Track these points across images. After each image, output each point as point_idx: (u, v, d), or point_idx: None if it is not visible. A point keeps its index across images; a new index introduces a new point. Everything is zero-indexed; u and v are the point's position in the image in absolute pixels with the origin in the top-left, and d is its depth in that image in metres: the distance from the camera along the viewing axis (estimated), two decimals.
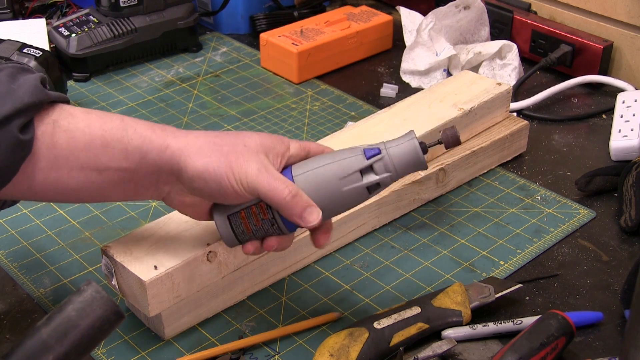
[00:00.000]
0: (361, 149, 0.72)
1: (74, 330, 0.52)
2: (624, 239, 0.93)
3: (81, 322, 0.52)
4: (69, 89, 1.21)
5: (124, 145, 0.70)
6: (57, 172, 0.70)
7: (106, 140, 0.70)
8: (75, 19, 1.28)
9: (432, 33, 1.22)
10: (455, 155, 0.99)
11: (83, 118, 0.71)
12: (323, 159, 0.73)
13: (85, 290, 0.53)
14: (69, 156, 0.70)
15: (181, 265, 0.76)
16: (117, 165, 0.70)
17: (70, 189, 0.71)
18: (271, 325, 0.82)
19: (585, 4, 1.26)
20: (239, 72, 1.31)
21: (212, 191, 0.70)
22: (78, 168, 0.70)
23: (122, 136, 0.70)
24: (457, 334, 0.78)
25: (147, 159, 0.70)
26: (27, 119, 0.68)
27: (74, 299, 0.53)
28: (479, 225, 0.95)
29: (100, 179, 0.71)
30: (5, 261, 0.90)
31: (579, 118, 1.17)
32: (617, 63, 1.25)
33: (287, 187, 0.70)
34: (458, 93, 1.03)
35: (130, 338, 0.80)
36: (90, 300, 0.53)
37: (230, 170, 0.69)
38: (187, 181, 0.71)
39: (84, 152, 0.70)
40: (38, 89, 0.69)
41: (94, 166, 0.70)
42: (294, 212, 0.70)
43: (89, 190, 0.72)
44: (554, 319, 0.75)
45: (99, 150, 0.70)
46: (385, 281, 0.87)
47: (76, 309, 0.52)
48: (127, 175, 0.71)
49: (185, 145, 0.71)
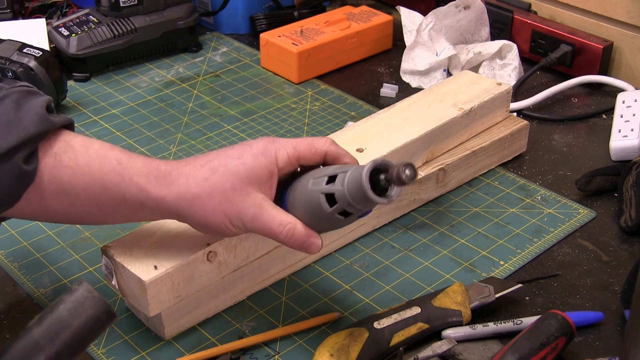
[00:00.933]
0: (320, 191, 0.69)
1: (65, 330, 0.52)
2: (624, 239, 0.93)
3: (73, 321, 0.52)
4: (69, 89, 1.21)
5: (122, 192, 0.71)
6: (59, 203, 0.72)
7: (105, 184, 0.71)
8: (75, 19, 1.28)
9: (432, 33, 1.22)
10: (455, 155, 0.99)
11: (83, 155, 0.71)
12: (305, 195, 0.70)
13: (76, 290, 0.53)
14: (70, 191, 0.71)
15: (181, 265, 0.76)
16: (116, 205, 0.72)
17: (74, 215, 0.74)
18: (271, 325, 0.82)
19: (585, 4, 1.26)
20: (239, 72, 1.31)
21: (211, 234, 0.75)
22: (80, 202, 0.72)
23: (119, 182, 0.71)
24: (457, 334, 0.78)
25: (145, 207, 0.72)
26: (31, 150, 0.69)
27: (65, 298, 0.52)
28: (479, 225, 0.95)
29: (101, 213, 0.73)
30: (5, 261, 0.90)
31: (579, 118, 1.17)
32: (617, 63, 1.25)
33: (283, 227, 0.70)
34: (458, 93, 1.03)
35: (130, 338, 0.80)
36: (81, 299, 0.52)
37: (228, 220, 0.71)
38: (190, 224, 0.74)
39: (84, 190, 0.71)
40: (43, 117, 0.69)
41: (94, 203, 0.72)
42: (295, 247, 0.72)
43: (91, 218, 0.75)
44: (554, 319, 0.75)
45: (98, 191, 0.71)
46: (385, 281, 0.87)
47: (68, 309, 0.52)
48: (128, 214, 0.73)
49: (180, 195, 0.71)
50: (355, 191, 0.65)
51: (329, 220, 0.69)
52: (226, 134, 1.14)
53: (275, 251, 0.85)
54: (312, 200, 0.69)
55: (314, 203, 0.69)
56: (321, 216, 0.69)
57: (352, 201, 0.66)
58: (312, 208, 0.69)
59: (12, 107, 0.68)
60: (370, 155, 0.91)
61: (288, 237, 0.71)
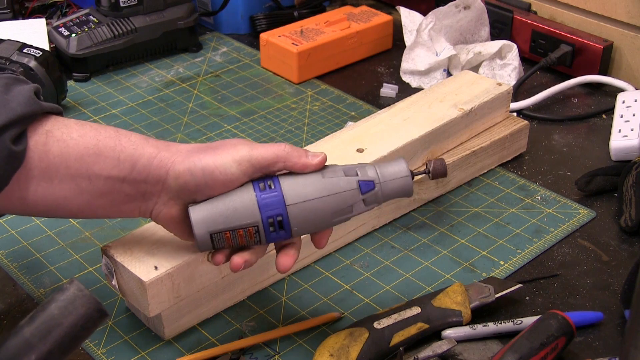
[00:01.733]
0: (356, 180, 0.72)
1: (57, 328, 0.52)
2: (624, 239, 0.93)
3: (64, 320, 0.52)
4: (69, 89, 1.21)
5: (117, 153, 0.71)
6: (48, 182, 0.70)
7: (99, 149, 0.71)
8: (75, 19, 1.28)
9: (432, 33, 1.22)
10: (455, 155, 0.99)
11: (77, 129, 0.72)
12: (317, 185, 0.71)
13: (67, 288, 0.53)
14: (60, 165, 0.70)
15: (181, 265, 0.76)
16: (107, 173, 0.71)
17: (60, 199, 0.71)
18: (271, 325, 0.82)
19: (585, 4, 1.26)
20: (239, 72, 1.31)
21: (198, 182, 0.70)
22: (69, 177, 0.71)
23: (115, 144, 0.71)
24: (457, 334, 0.78)
25: (137, 166, 0.71)
26: (20, 130, 0.68)
27: (56, 297, 0.52)
28: (479, 225, 0.95)
29: (90, 187, 0.71)
30: (5, 261, 0.90)
31: (579, 118, 1.17)
32: (617, 63, 1.25)
33: (280, 144, 0.71)
34: (458, 93, 1.03)
35: (130, 338, 0.80)
36: (72, 298, 0.52)
37: (220, 155, 0.70)
38: (174, 180, 0.71)
39: (76, 161, 0.70)
40: (32, 100, 0.69)
41: (85, 174, 0.71)
42: (300, 155, 0.71)
43: (78, 200, 0.72)
44: (554, 319, 0.75)
45: (91, 159, 0.71)
46: (385, 281, 0.87)
47: (59, 307, 0.52)
48: (116, 185, 0.71)
49: (175, 153, 0.72)
50: (394, 181, 0.72)
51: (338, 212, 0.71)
52: (226, 134, 1.14)
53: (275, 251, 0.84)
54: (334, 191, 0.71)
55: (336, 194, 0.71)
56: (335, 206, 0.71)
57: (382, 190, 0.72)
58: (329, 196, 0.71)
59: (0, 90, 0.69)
60: (370, 155, 0.91)
61: (289, 148, 0.71)
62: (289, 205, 0.70)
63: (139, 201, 0.73)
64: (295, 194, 0.71)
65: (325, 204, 0.71)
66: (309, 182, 0.71)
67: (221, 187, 0.70)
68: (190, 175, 0.70)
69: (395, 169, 0.73)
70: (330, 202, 0.71)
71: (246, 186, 0.71)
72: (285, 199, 0.70)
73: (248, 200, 0.70)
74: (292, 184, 0.71)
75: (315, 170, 0.72)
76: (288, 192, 0.71)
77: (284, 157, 0.71)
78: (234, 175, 0.70)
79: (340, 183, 0.71)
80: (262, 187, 0.71)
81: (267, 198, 0.70)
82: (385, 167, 0.73)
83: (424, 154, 0.96)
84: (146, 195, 0.72)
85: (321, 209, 0.71)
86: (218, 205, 0.71)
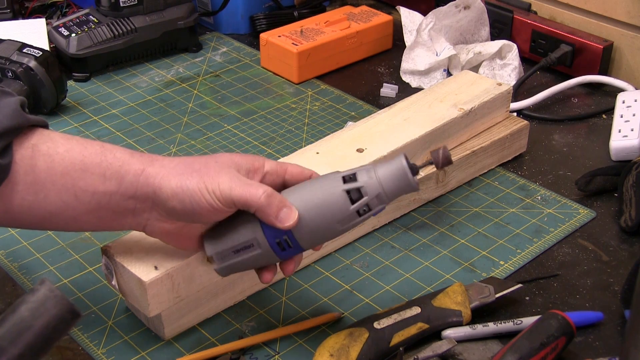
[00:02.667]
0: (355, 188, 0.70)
1: (27, 331, 0.50)
2: (624, 239, 0.93)
3: (35, 322, 0.50)
4: (69, 89, 1.21)
5: (103, 169, 0.70)
6: (33, 195, 0.70)
7: (85, 165, 0.70)
8: (75, 19, 1.28)
9: (432, 33, 1.22)
10: (455, 155, 0.99)
11: (63, 143, 0.71)
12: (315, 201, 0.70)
13: (38, 289, 0.51)
14: (46, 180, 0.70)
15: (181, 265, 0.76)
16: (94, 189, 0.70)
17: (47, 213, 0.71)
18: (271, 325, 0.82)
19: (585, 4, 1.26)
20: (239, 72, 1.31)
21: (187, 210, 0.69)
22: (55, 192, 0.70)
23: (101, 161, 0.71)
24: (457, 334, 0.78)
25: (124, 183, 0.70)
26: (6, 143, 0.68)
27: (27, 298, 0.51)
28: (479, 225, 0.95)
29: (76, 203, 0.71)
30: (5, 261, 0.90)
31: (579, 118, 1.17)
32: (617, 63, 1.25)
33: (261, 187, 0.69)
34: (458, 93, 1.03)
35: (130, 338, 0.80)
36: (43, 299, 0.50)
37: (203, 185, 0.69)
38: (163, 202, 0.70)
39: (62, 176, 0.70)
40: (17, 112, 0.69)
41: (71, 190, 0.70)
42: (270, 213, 0.69)
43: (64, 215, 0.71)
44: (554, 319, 0.75)
45: (77, 175, 0.70)
46: (385, 281, 0.87)
47: (29, 309, 0.50)
48: (103, 201, 0.71)
49: (160, 168, 0.71)
50: (392, 179, 0.69)
51: (341, 221, 0.70)
52: (226, 134, 1.14)
53: None
54: (327, 200, 0.69)
55: (330, 203, 0.69)
56: (335, 217, 0.69)
57: (384, 191, 0.69)
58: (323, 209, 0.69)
59: None
60: (370, 155, 0.91)
61: (265, 197, 0.68)
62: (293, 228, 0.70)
63: (128, 217, 0.72)
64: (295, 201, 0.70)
65: (327, 216, 0.70)
66: (309, 197, 0.70)
67: (208, 214, 0.69)
68: (178, 202, 0.69)
69: (393, 169, 0.70)
70: (330, 213, 0.70)
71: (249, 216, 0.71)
72: None
73: (252, 231, 0.71)
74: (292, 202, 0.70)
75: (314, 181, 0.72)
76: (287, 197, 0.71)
77: (257, 206, 0.69)
78: (218, 206, 0.69)
79: (340, 194, 0.70)
80: None
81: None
82: (383, 168, 0.70)
83: (424, 154, 0.96)
84: (136, 212, 0.72)
85: (325, 222, 0.70)
86: (227, 240, 0.72)
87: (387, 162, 0.71)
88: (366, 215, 0.70)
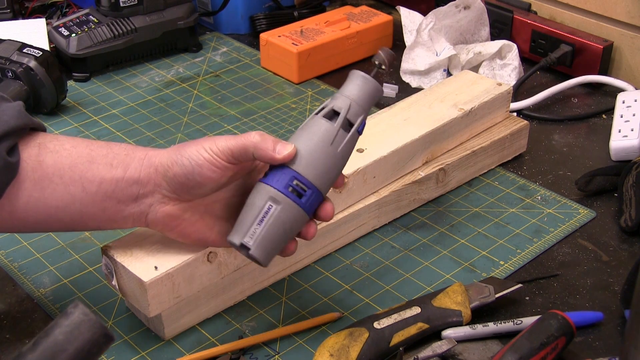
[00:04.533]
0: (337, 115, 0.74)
1: (61, 354, 0.50)
2: (624, 239, 0.93)
3: (69, 346, 0.50)
4: (69, 89, 1.21)
5: (109, 159, 0.72)
6: (39, 192, 0.71)
7: (92, 157, 0.72)
8: (75, 19, 1.28)
9: (432, 33, 1.22)
10: (455, 155, 0.99)
11: (68, 140, 0.74)
12: (305, 137, 0.73)
13: (72, 312, 0.51)
14: (54, 174, 0.71)
15: (181, 265, 0.76)
16: (100, 178, 0.72)
17: (52, 209, 0.72)
18: (271, 325, 0.82)
19: (585, 4, 1.26)
20: (239, 72, 1.31)
21: (188, 173, 0.71)
22: (62, 185, 0.71)
23: (107, 152, 0.73)
24: (457, 334, 0.78)
25: (130, 169, 0.72)
26: (13, 143, 0.69)
27: (60, 322, 0.51)
28: (479, 225, 0.95)
29: (82, 195, 0.72)
30: (5, 261, 0.90)
31: (579, 118, 1.17)
32: (617, 63, 1.25)
33: (252, 132, 0.71)
34: (458, 93, 1.03)
35: (130, 338, 0.80)
36: (78, 323, 0.51)
37: (201, 146, 0.71)
38: (164, 173, 0.72)
39: (69, 169, 0.72)
40: (22, 113, 0.71)
41: (78, 182, 0.72)
42: (267, 147, 0.70)
43: (70, 209, 0.72)
44: (554, 319, 0.75)
45: (84, 166, 0.72)
46: (385, 281, 0.87)
47: (63, 333, 0.50)
48: (109, 189, 0.72)
49: (160, 152, 0.73)
50: (355, 88, 0.74)
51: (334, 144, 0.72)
52: (226, 134, 1.14)
53: None
54: (312, 131, 0.72)
55: (315, 132, 0.72)
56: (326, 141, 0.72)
57: (354, 100, 0.73)
58: (314, 139, 0.72)
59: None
60: (370, 155, 0.91)
61: (259, 136, 0.71)
62: (294, 166, 0.71)
63: (131, 207, 0.73)
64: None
65: (320, 144, 0.72)
66: (296, 139, 0.73)
67: (209, 173, 0.71)
68: (178, 167, 0.71)
69: (355, 83, 0.75)
70: (323, 140, 0.72)
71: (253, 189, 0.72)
72: (287, 165, 0.71)
73: (262, 193, 0.71)
74: None
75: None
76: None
77: (254, 145, 0.71)
78: (217, 163, 0.71)
79: (319, 120, 0.73)
80: (263, 175, 0.72)
81: (271, 177, 0.71)
82: (347, 87, 0.75)
83: (424, 154, 0.96)
84: (138, 199, 0.73)
85: (320, 149, 0.72)
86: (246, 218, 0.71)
87: (348, 82, 0.75)
88: (352, 129, 0.73)
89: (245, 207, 0.72)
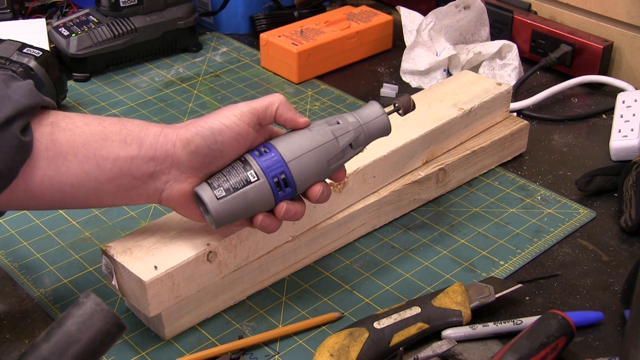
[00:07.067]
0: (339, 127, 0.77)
1: (74, 345, 0.50)
2: (624, 239, 0.93)
3: (82, 336, 0.50)
4: (69, 89, 1.21)
5: (123, 136, 0.72)
6: (55, 170, 0.71)
7: (105, 134, 0.72)
8: (75, 19, 1.28)
9: (432, 33, 1.22)
10: (455, 155, 0.99)
11: (80, 118, 0.73)
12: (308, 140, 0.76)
13: (84, 302, 0.51)
14: (68, 152, 0.71)
15: (181, 265, 0.76)
16: (115, 155, 0.72)
17: (67, 187, 0.72)
18: (271, 325, 0.82)
19: (585, 4, 1.26)
20: (239, 72, 1.31)
21: (210, 143, 0.72)
22: (77, 163, 0.71)
23: (120, 129, 0.73)
24: (457, 334, 0.79)
25: (145, 146, 0.73)
26: (26, 122, 0.69)
27: (73, 312, 0.51)
28: (479, 225, 0.95)
29: (97, 172, 0.72)
30: (5, 261, 0.90)
31: (579, 118, 1.17)
32: (617, 63, 1.25)
33: (274, 94, 0.76)
34: (458, 93, 1.03)
35: (130, 338, 0.80)
36: (90, 313, 0.51)
37: (222, 114, 0.74)
38: (182, 149, 0.72)
39: (83, 146, 0.71)
40: (33, 92, 0.71)
41: (92, 160, 0.71)
42: (291, 108, 0.75)
43: (85, 187, 0.72)
44: (554, 319, 0.75)
45: (98, 144, 0.72)
46: (385, 281, 0.87)
47: (76, 323, 0.50)
48: (124, 167, 0.72)
49: (177, 127, 0.74)
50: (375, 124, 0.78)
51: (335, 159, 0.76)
52: None
53: (275, 251, 0.85)
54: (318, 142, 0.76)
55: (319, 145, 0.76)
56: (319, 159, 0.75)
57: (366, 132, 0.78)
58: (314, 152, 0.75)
59: (1, 85, 0.69)
60: (370, 155, 0.91)
61: (283, 97, 0.75)
62: (288, 162, 0.74)
63: (146, 184, 0.73)
64: (291, 151, 0.75)
65: (319, 154, 0.75)
66: (300, 139, 0.76)
67: (231, 141, 0.73)
68: (200, 138, 0.72)
69: (371, 111, 0.78)
70: (322, 151, 0.76)
71: (244, 156, 0.75)
72: (283, 157, 0.74)
73: (251, 165, 0.74)
74: (285, 144, 0.75)
75: (302, 129, 0.77)
76: (284, 151, 0.75)
77: (279, 102, 0.75)
78: (240, 127, 0.73)
79: (328, 133, 0.76)
80: (258, 153, 0.75)
81: (266, 160, 0.74)
82: (362, 112, 0.78)
83: (423, 154, 0.96)
84: (154, 175, 0.73)
85: (316, 159, 0.75)
86: (226, 177, 0.74)
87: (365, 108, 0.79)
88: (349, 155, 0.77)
89: (226, 170, 0.74)
